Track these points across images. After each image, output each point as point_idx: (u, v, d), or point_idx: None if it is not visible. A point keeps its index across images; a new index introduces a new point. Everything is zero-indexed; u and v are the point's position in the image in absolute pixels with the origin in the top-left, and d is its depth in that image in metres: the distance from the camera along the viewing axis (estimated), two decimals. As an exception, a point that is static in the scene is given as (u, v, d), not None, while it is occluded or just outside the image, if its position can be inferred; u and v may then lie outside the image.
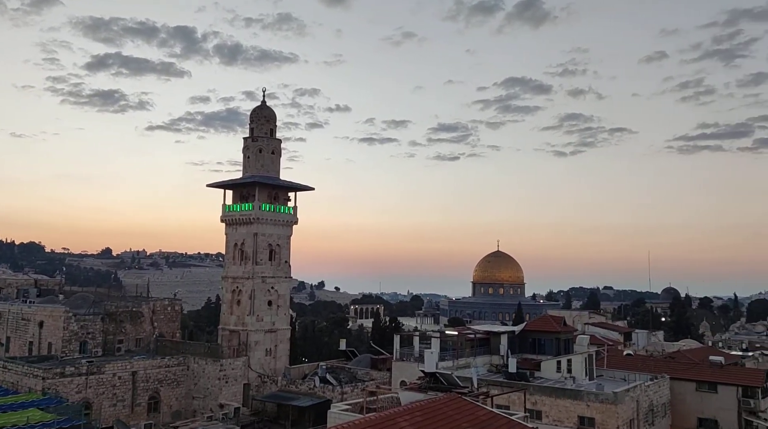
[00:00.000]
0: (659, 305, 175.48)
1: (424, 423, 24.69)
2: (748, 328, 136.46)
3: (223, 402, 50.02)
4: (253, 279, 55.82)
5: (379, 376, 53.46)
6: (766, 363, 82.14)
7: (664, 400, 47.03)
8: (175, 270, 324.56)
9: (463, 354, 52.09)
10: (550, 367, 49.58)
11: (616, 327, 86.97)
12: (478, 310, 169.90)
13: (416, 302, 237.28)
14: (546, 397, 42.67)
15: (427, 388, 32.84)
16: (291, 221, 59.18)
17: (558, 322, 57.00)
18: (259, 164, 58.54)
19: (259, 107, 60.69)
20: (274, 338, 56.75)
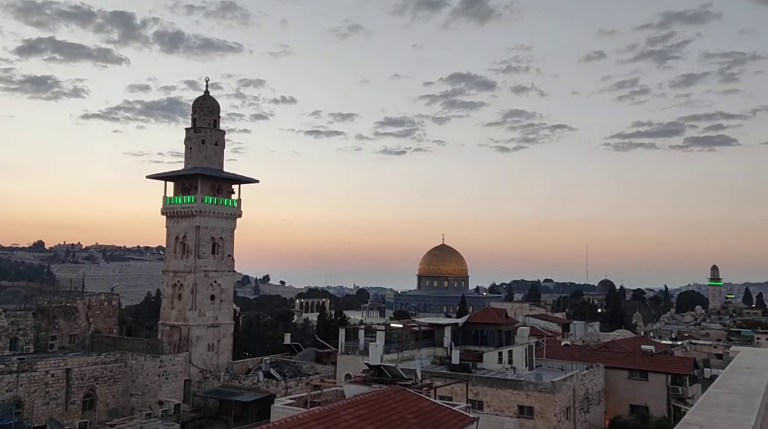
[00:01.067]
0: (596, 297, 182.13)
1: (368, 415, 24.82)
2: (677, 319, 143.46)
3: (163, 399, 48.81)
4: (195, 273, 54.60)
5: (324, 369, 53.36)
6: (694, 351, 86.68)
7: (599, 388, 48.95)
8: (112, 264, 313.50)
9: (408, 346, 52.68)
10: (492, 358, 50.73)
11: (555, 318, 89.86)
12: (424, 302, 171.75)
13: (362, 296, 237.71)
14: (487, 387, 43.65)
15: (371, 381, 33.05)
16: (234, 214, 58.15)
17: (500, 314, 58.40)
18: (201, 156, 57.20)
19: (202, 97, 59.24)
20: (216, 333, 55.73)
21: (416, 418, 26.34)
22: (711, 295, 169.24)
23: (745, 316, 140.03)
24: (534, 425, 40.93)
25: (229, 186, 58.88)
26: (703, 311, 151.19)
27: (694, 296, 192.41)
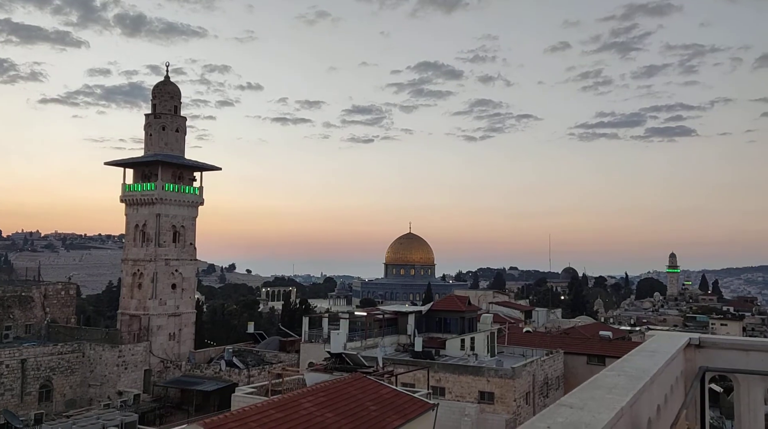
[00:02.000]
0: (559, 284, 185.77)
1: (327, 403, 24.88)
2: (636, 305, 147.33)
3: (122, 389, 48.09)
4: (155, 261, 53.69)
5: (287, 358, 53.23)
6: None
7: (558, 373, 50.01)
8: (73, 252, 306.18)
9: (372, 334, 52.88)
10: (454, 345, 51.32)
11: (518, 306, 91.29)
12: (390, 290, 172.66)
13: (329, 284, 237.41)
14: (449, 374, 44.17)
15: (332, 369, 33.16)
16: (196, 202, 57.28)
17: (463, 302, 59.00)
18: (162, 142, 56.07)
19: (162, 83, 57.97)
20: (178, 322, 55.03)
21: (376, 405, 26.51)
22: (669, 282, 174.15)
23: (701, 302, 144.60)
24: (494, 410, 41.65)
25: (190, 173, 57.93)
26: (662, 298, 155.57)
27: (653, 283, 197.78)
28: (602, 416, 2.33)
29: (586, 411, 2.40)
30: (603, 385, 2.90)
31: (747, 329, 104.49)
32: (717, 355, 4.90)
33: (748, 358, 4.84)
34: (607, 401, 2.59)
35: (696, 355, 4.95)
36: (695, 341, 4.95)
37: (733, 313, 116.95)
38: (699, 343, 4.95)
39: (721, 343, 4.93)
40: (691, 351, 4.95)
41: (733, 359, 4.87)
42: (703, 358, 4.93)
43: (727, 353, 4.88)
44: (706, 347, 4.94)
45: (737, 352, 4.87)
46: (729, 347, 4.91)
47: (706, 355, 4.92)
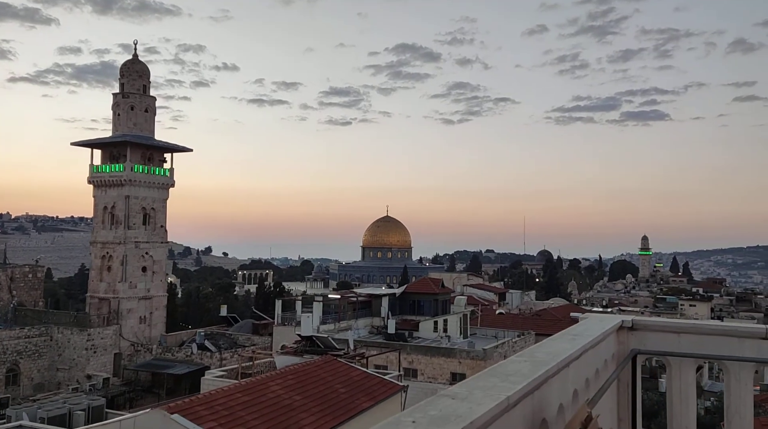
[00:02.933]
0: (534, 267, 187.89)
1: (296, 386, 24.77)
2: (609, 287, 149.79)
3: (91, 373, 47.50)
4: (125, 244, 52.81)
5: (260, 341, 53.02)
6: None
7: (529, 354, 50.65)
8: (44, 234, 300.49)
9: (345, 317, 52.93)
10: (427, 327, 51.64)
11: (493, 288, 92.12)
12: (367, 273, 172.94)
13: (306, 267, 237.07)
14: (422, 355, 44.48)
15: (303, 352, 33.08)
16: (167, 184, 56.34)
17: (436, 284, 59.27)
18: (131, 122, 54.87)
19: (131, 61, 56.56)
20: (149, 305, 54.38)
21: (345, 388, 26.49)
22: (641, 264, 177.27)
23: (672, 283, 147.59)
24: (465, 391, 42.07)
25: (160, 154, 56.88)
26: (633, 279, 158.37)
27: (626, 265, 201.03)
28: (482, 407, 2.15)
29: (467, 401, 2.22)
30: (501, 373, 2.72)
31: (715, 310, 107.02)
32: (649, 337, 4.79)
33: (680, 341, 4.75)
34: (497, 389, 2.41)
35: (629, 337, 4.83)
36: (628, 324, 4.83)
37: (702, 294, 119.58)
38: (632, 326, 4.83)
39: (653, 326, 4.82)
40: (623, 333, 4.83)
41: (665, 342, 4.77)
42: (635, 340, 4.82)
43: (659, 336, 4.78)
44: (638, 330, 4.83)
45: (669, 335, 4.77)
46: (661, 330, 4.80)
47: (639, 338, 4.82)
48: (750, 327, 4.67)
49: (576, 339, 3.74)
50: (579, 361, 3.56)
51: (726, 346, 4.59)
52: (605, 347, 4.35)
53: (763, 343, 4.50)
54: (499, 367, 2.88)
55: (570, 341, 3.65)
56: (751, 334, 4.56)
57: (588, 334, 3.91)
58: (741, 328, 4.69)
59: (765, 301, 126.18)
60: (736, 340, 4.58)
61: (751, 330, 4.61)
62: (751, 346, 4.53)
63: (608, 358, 4.46)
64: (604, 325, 4.46)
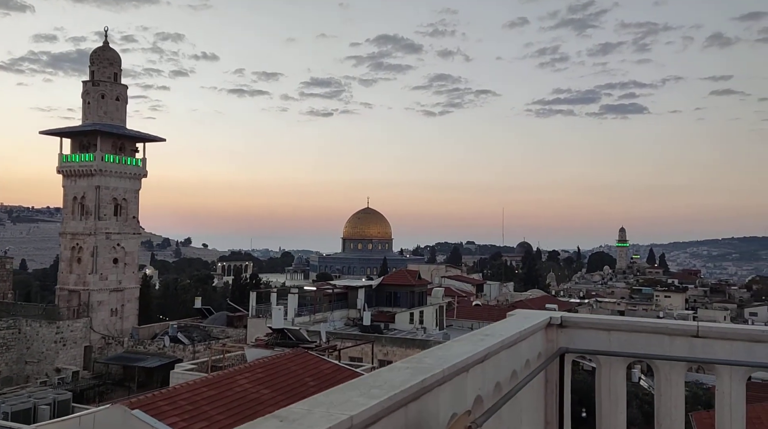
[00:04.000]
0: (514, 258, 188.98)
1: (265, 379, 24.37)
2: (586, 278, 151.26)
3: (61, 366, 46.59)
4: (95, 235, 51.77)
5: (235, 333, 52.48)
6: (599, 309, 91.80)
7: (504, 345, 50.77)
8: (20, 225, 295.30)
9: (321, 309, 52.57)
10: (403, 318, 51.52)
11: (471, 279, 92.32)
12: (348, 265, 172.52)
13: (287, 258, 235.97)
14: (397, 347, 44.31)
15: (274, 344, 32.66)
16: (139, 174, 55.27)
17: (413, 276, 59.09)
18: (101, 111, 53.65)
19: (101, 48, 55.23)
20: (120, 298, 53.46)
21: (315, 381, 26.17)
22: (618, 256, 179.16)
23: (648, 275, 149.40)
24: (440, 383, 42.03)
25: (132, 144, 55.75)
26: (611, 271, 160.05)
27: (603, 257, 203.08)
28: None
29: (297, 424, 1.86)
30: (368, 384, 2.38)
31: (690, 301, 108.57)
32: (579, 335, 4.50)
33: (610, 338, 4.46)
34: (347, 406, 2.06)
35: (557, 335, 4.54)
36: (556, 320, 4.53)
37: (677, 285, 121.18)
38: (561, 323, 4.54)
39: (583, 323, 4.53)
40: (552, 331, 4.53)
41: (595, 340, 4.48)
42: (564, 338, 4.53)
43: (589, 333, 4.48)
44: (568, 327, 4.53)
45: (600, 332, 4.48)
46: (591, 327, 4.51)
47: (569, 336, 4.52)
48: (682, 324, 4.40)
49: (485, 339, 3.42)
50: (485, 364, 3.24)
51: (657, 345, 4.32)
52: (527, 347, 4.04)
53: (694, 341, 4.24)
54: (370, 376, 2.54)
55: (475, 342, 3.33)
56: (682, 332, 4.29)
57: (501, 334, 3.60)
58: (672, 325, 4.42)
59: (738, 292, 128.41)
60: (667, 338, 4.31)
61: (683, 327, 4.33)
62: (682, 345, 4.27)
63: (531, 357, 4.15)
64: (527, 322, 4.15)
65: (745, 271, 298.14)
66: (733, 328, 4.12)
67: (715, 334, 4.16)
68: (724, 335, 4.15)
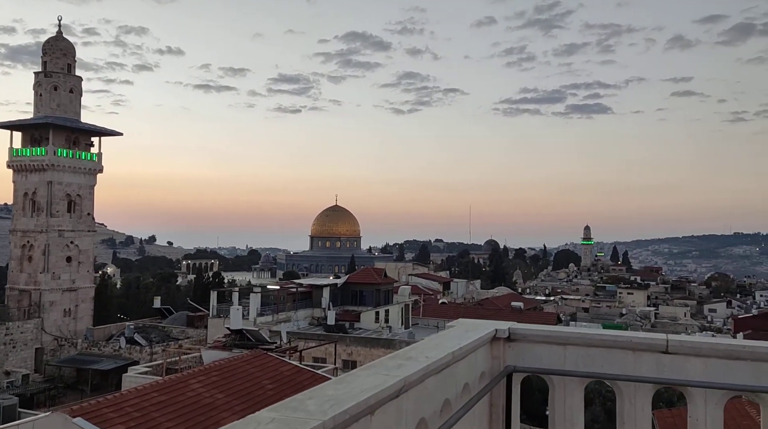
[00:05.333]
0: (481, 256, 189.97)
1: (220, 383, 23.34)
2: (552, 276, 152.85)
3: (10, 369, 44.53)
4: (47, 232, 49.64)
5: (195, 334, 51.03)
6: (565, 306, 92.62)
7: (470, 344, 50.50)
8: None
9: (284, 308, 51.47)
10: (369, 317, 50.79)
11: (438, 277, 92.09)
12: (315, 263, 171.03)
13: (253, 256, 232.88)
14: (361, 347, 43.62)
15: (232, 346, 31.59)
16: (94, 169, 53.21)
17: (379, 274, 58.37)
18: (54, 104, 51.46)
19: (54, 38, 52.96)
20: (74, 298, 51.42)
21: (274, 384, 25.28)
22: (583, 254, 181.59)
23: (612, 272, 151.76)
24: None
25: (87, 138, 53.65)
26: (576, 268, 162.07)
27: (569, 254, 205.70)
28: None
29: None
30: (255, 420, 1.60)
31: (651, 297, 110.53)
32: (530, 350, 3.79)
33: (566, 354, 3.77)
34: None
35: (504, 350, 3.82)
36: (503, 333, 3.81)
37: (639, 282, 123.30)
38: (508, 336, 3.82)
39: (534, 336, 3.82)
40: (498, 346, 3.81)
41: (548, 356, 3.78)
42: (512, 354, 3.81)
43: (541, 348, 3.78)
44: (516, 341, 3.82)
45: (553, 347, 3.78)
46: (543, 340, 3.80)
47: (517, 351, 3.81)
48: (649, 338, 3.72)
49: (404, 366, 2.66)
50: (402, 400, 2.49)
51: (620, 362, 3.64)
52: (466, 367, 3.32)
53: (663, 358, 3.57)
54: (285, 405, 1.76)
55: (389, 371, 2.57)
56: (649, 347, 3.62)
57: (428, 356, 2.85)
58: (638, 339, 3.73)
59: (698, 288, 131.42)
60: (631, 355, 3.64)
61: (650, 342, 3.65)
62: (650, 362, 3.60)
63: (472, 380, 3.43)
64: (467, 336, 3.42)
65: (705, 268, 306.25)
66: (709, 342, 3.45)
67: (688, 350, 3.50)
68: (698, 351, 3.48)
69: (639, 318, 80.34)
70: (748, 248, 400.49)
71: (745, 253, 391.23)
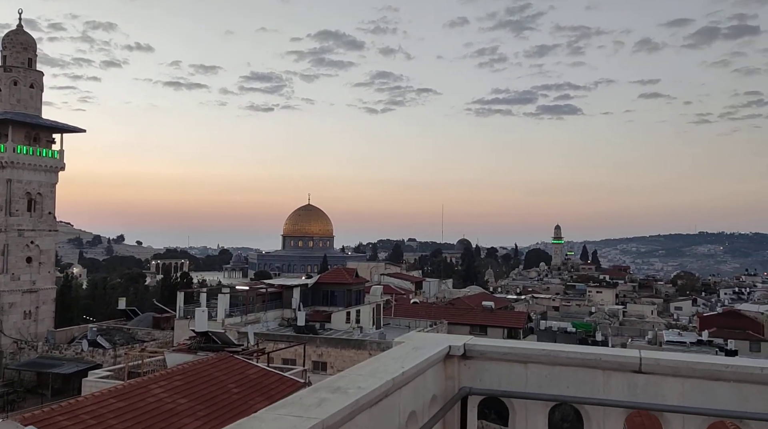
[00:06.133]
0: (454, 255, 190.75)
1: (182, 387, 22.57)
2: (523, 275, 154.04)
3: (-34, 375, 42.87)
4: (6, 232, 47.91)
5: (162, 336, 49.87)
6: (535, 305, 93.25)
7: (442, 344, 50.27)
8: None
9: (254, 309, 50.61)
10: (340, 318, 50.24)
11: (410, 277, 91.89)
12: (288, 263, 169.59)
13: (225, 256, 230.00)
14: (332, 348, 43.13)
15: (196, 349, 30.79)
16: (56, 167, 51.55)
17: (350, 274, 57.86)
18: (13, 99, 49.70)
19: (14, 32, 51.14)
20: (35, 299, 49.76)
21: (239, 387, 24.58)
22: (554, 253, 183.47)
23: (581, 271, 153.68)
24: (375, 384, 41.02)
25: (48, 135, 51.96)
26: (546, 267, 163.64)
27: (540, 254, 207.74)
28: None
29: None
30: None
31: (620, 296, 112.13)
32: (488, 369, 3.35)
33: (528, 374, 3.33)
34: None
35: (459, 370, 3.37)
36: (458, 350, 3.35)
37: (608, 281, 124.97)
38: (464, 353, 3.37)
39: (493, 353, 3.37)
40: (452, 365, 3.35)
41: (508, 375, 3.34)
42: (468, 374, 3.36)
43: (500, 367, 3.34)
44: (473, 358, 3.37)
45: (514, 366, 3.33)
46: (503, 358, 3.35)
47: (474, 370, 3.36)
48: (620, 356, 3.28)
49: (328, 402, 2.17)
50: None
51: (588, 383, 3.22)
52: (412, 392, 2.86)
53: (636, 378, 3.15)
54: None
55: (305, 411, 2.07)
56: (620, 366, 3.19)
57: (361, 387, 2.37)
58: (608, 357, 3.28)
59: (665, 287, 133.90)
60: (600, 375, 3.21)
61: (622, 360, 3.22)
62: (621, 383, 3.18)
63: (420, 406, 2.97)
64: (416, 356, 2.96)
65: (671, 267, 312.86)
66: (687, 361, 3.03)
67: (664, 369, 3.08)
68: (676, 371, 3.06)
69: (607, 316, 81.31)
70: (713, 247, 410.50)
71: (710, 251, 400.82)
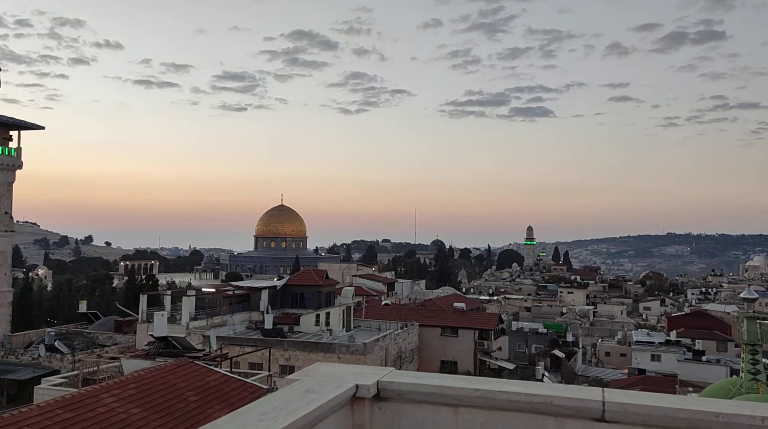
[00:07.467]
0: (427, 256, 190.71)
1: (136, 396, 21.41)
2: (496, 275, 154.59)
3: None
4: (-42, 233, 45.91)
5: (124, 340, 48.30)
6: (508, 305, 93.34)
7: (413, 346, 49.56)
8: None
9: (220, 312, 49.32)
10: (309, 320, 49.24)
11: (382, 278, 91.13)
12: (260, 264, 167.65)
13: (196, 257, 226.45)
14: (300, 352, 42.21)
15: (155, 354, 29.57)
16: (13, 165, 49.57)
17: (320, 275, 56.90)
18: (-33, 93, 47.67)
19: (-32, 22, 49.14)
20: (-11, 303, 47.80)
21: (198, 395, 23.49)
22: (526, 254, 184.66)
23: (553, 272, 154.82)
24: (344, 388, 40.15)
25: (5, 132, 49.93)
26: (519, 268, 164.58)
27: (513, 254, 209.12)
28: None
29: None
30: None
31: (590, 296, 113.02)
32: (408, 414, 2.56)
33: (459, 421, 2.54)
34: None
35: (372, 415, 2.58)
36: (368, 391, 2.55)
37: (579, 281, 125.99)
38: (377, 394, 2.58)
39: (414, 393, 2.55)
40: (362, 409, 2.56)
41: (434, 422, 2.55)
42: (384, 421, 2.57)
43: (423, 411, 2.53)
44: (389, 399, 2.58)
45: (441, 410, 2.53)
46: (427, 399, 2.55)
47: (390, 416, 2.57)
48: (577, 399, 2.42)
49: None
50: None
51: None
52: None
53: (597, 427, 2.39)
54: None
55: None
56: (577, 412, 2.39)
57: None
58: (561, 400, 2.41)
59: (634, 287, 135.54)
60: (552, 423, 2.42)
61: (579, 404, 2.39)
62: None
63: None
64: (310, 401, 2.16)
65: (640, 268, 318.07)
66: (664, 407, 2.25)
67: (632, 418, 2.26)
68: (647, 420, 2.19)
69: (578, 317, 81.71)
70: (680, 248, 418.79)
71: (677, 252, 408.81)
